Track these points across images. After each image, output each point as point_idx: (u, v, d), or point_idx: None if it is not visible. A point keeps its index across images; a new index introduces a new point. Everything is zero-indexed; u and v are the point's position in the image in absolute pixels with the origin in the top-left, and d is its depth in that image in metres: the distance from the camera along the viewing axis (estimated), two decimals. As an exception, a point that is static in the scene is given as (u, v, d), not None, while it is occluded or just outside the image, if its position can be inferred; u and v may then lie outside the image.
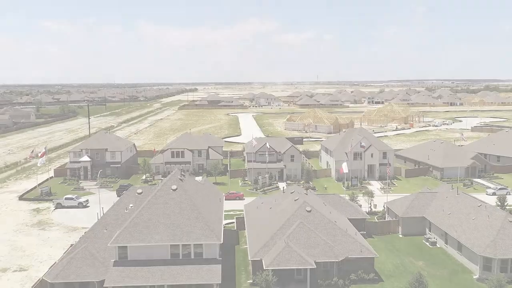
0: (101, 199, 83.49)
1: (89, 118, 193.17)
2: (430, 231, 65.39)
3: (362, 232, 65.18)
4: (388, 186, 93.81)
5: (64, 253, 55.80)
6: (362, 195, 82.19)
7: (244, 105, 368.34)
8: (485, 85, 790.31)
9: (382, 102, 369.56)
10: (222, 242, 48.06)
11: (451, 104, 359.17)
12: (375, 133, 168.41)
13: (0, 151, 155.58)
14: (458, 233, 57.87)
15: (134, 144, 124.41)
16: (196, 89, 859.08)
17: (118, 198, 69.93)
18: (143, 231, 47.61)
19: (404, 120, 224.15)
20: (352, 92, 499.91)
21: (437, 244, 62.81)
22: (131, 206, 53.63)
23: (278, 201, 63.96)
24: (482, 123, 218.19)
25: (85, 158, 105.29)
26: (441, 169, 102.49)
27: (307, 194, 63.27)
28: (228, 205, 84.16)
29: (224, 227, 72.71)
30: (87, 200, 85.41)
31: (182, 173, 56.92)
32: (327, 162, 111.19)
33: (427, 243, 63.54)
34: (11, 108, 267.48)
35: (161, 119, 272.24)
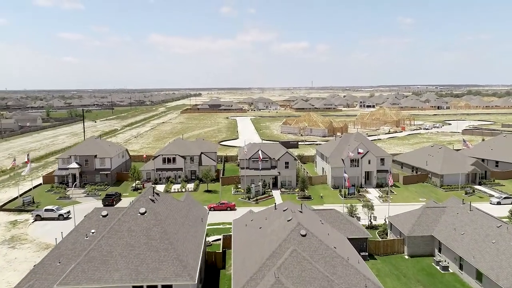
0: (87, 209, 71.48)
1: (83, 123, 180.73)
2: (440, 252, 52.77)
3: (363, 254, 53.01)
4: (387, 194, 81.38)
5: (20, 281, 43.40)
6: (361, 206, 69.89)
7: (243, 109, 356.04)
8: (467, 89, 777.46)
9: (373, 106, 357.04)
10: (196, 282, 35.52)
11: (438, 108, 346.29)
12: (368, 136, 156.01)
13: (0, 155, 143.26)
14: (477, 260, 45.35)
15: (126, 150, 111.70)
16: (200, 94, 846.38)
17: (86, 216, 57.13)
18: (100, 268, 35.18)
19: (396, 123, 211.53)
20: (344, 96, 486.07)
21: (449, 269, 50.32)
22: (93, 232, 41.18)
23: (270, 219, 51.35)
24: (471, 126, 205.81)
25: (74, 165, 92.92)
26: (440, 176, 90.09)
27: (302, 212, 50.76)
28: (218, 216, 72.06)
29: (211, 243, 60.84)
30: (68, 212, 73.00)
31: (156, 191, 44.30)
32: (323, 169, 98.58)
33: (438, 267, 50.96)
34: (19, 112, 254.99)
35: (163, 122, 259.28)
